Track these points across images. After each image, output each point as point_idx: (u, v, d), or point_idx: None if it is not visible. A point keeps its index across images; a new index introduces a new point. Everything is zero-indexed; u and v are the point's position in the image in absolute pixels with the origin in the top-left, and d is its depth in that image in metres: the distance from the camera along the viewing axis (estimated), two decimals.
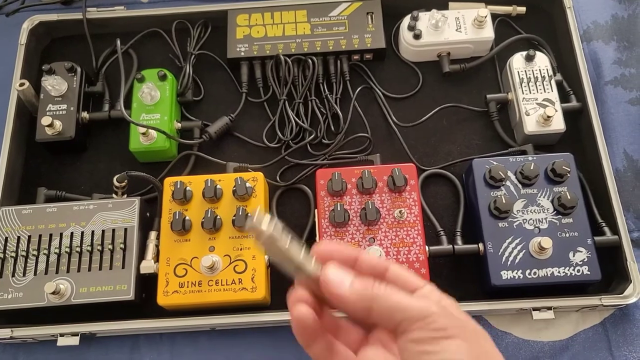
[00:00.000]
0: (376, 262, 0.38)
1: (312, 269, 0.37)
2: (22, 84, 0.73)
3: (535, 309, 0.62)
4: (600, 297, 0.63)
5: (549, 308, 0.62)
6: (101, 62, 0.80)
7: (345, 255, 0.38)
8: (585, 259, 0.62)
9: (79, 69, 0.75)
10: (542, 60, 0.73)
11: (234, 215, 0.64)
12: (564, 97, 0.73)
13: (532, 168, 0.65)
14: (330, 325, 0.39)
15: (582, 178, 0.69)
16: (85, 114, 0.74)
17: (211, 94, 0.79)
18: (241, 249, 0.64)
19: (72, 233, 0.66)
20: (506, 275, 0.62)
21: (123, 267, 0.64)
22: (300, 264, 0.37)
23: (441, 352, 0.33)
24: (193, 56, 0.78)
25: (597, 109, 0.71)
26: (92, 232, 0.66)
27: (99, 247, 0.65)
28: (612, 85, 0.75)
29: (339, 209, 0.64)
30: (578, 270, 0.62)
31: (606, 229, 0.66)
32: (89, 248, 0.65)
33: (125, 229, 0.66)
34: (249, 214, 0.34)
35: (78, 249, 0.65)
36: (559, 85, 0.73)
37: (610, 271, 0.65)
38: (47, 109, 0.73)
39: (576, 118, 0.73)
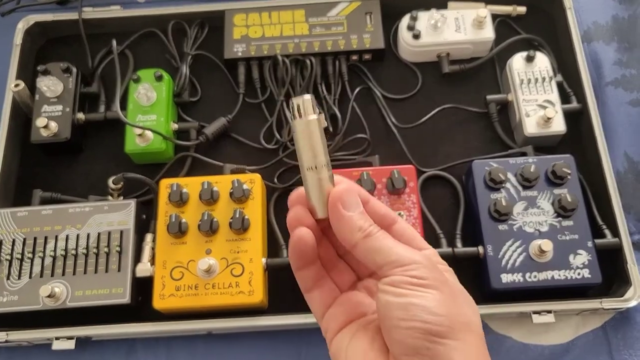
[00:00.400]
0: (385, 212, 0.38)
1: (329, 176, 0.36)
2: (17, 85, 0.72)
3: (535, 313, 0.62)
4: (601, 301, 0.62)
5: (549, 311, 0.62)
6: (97, 62, 0.79)
7: (359, 192, 0.37)
8: (586, 262, 0.62)
9: (74, 70, 0.75)
10: (543, 61, 0.73)
11: (231, 218, 0.64)
12: (564, 98, 0.72)
13: (532, 170, 0.64)
14: (326, 259, 0.39)
15: (583, 180, 0.68)
16: (81, 115, 0.74)
17: (208, 95, 0.78)
18: (238, 252, 0.63)
19: (67, 235, 0.65)
20: (506, 278, 0.61)
21: (119, 270, 0.64)
22: (325, 163, 0.36)
23: (410, 297, 0.32)
24: (190, 56, 0.77)
25: (598, 110, 0.70)
26: (88, 234, 0.65)
27: (95, 250, 0.64)
28: (613, 86, 0.74)
29: None
30: (579, 274, 0.61)
31: (607, 232, 0.65)
32: (85, 251, 0.64)
33: (122, 232, 0.65)
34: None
35: (74, 252, 0.64)
36: (559, 86, 0.73)
37: (611, 274, 0.65)
38: (43, 110, 0.72)
39: (576, 119, 0.73)
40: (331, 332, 0.38)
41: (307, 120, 0.35)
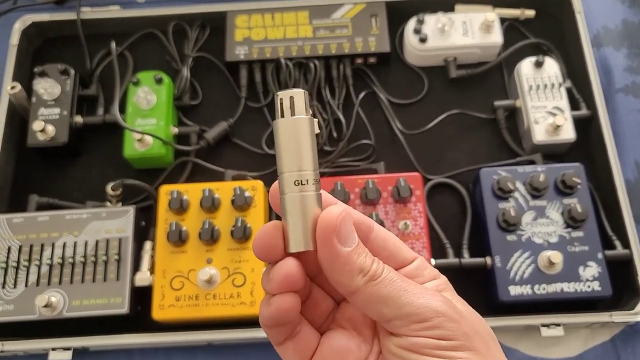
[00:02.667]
0: (358, 218, 0.29)
1: (317, 195, 0.28)
2: (13, 87, 0.70)
3: (544, 326, 0.60)
4: (611, 314, 0.61)
5: (558, 324, 0.60)
6: (95, 64, 0.77)
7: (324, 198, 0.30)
8: (596, 274, 0.60)
9: (72, 72, 0.73)
10: (552, 67, 0.71)
11: (233, 226, 0.62)
12: (573, 105, 0.71)
13: (541, 179, 0.63)
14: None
15: (592, 189, 0.66)
16: (78, 118, 0.72)
17: (209, 98, 0.76)
18: (240, 262, 0.62)
19: (64, 243, 0.63)
20: (514, 290, 0.60)
21: (117, 279, 0.62)
22: (314, 178, 0.28)
23: None
24: (191, 59, 0.76)
25: (608, 117, 0.69)
26: (86, 242, 0.63)
27: (93, 258, 0.63)
28: (623, 93, 0.72)
29: None
30: (588, 286, 0.60)
31: (617, 243, 0.64)
32: (83, 259, 0.63)
33: (120, 239, 0.64)
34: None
35: (71, 260, 0.63)
36: (568, 92, 0.71)
37: (620, 286, 0.63)
38: (40, 113, 0.70)
39: (586, 126, 0.71)
40: None
41: (295, 120, 0.28)
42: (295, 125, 0.28)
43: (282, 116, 0.28)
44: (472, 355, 0.27)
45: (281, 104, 0.28)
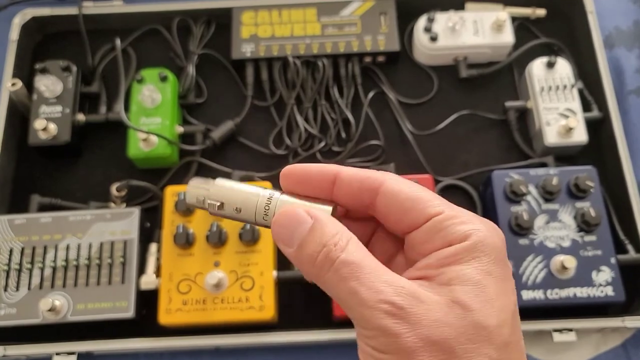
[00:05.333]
0: (363, 177, 0.28)
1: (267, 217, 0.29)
2: (14, 84, 0.69)
3: (556, 331, 0.60)
4: (623, 319, 0.60)
5: (570, 330, 0.60)
6: (98, 60, 0.75)
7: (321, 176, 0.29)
8: (609, 279, 0.60)
9: (74, 68, 0.71)
10: (564, 68, 0.70)
11: (241, 229, 0.61)
12: (584, 106, 0.70)
13: (554, 183, 0.62)
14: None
15: (604, 192, 0.66)
16: (81, 116, 0.70)
17: (214, 97, 0.75)
18: (248, 265, 0.60)
19: (68, 245, 0.62)
20: (527, 295, 0.59)
21: (123, 282, 0.61)
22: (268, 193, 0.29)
23: None
24: (196, 56, 0.74)
25: (620, 119, 0.68)
26: (90, 244, 0.62)
27: (97, 261, 0.61)
28: (635, 94, 0.71)
29: None
30: (601, 291, 0.59)
31: (629, 247, 0.63)
32: (87, 261, 0.61)
33: (125, 242, 0.62)
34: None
35: (75, 262, 0.61)
36: (579, 93, 0.70)
37: (631, 290, 0.63)
38: (41, 111, 0.68)
39: (597, 128, 0.70)
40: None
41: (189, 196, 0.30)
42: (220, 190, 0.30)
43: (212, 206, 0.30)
44: None
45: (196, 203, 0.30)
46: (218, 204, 0.29)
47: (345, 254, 0.26)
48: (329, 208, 0.29)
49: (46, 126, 0.67)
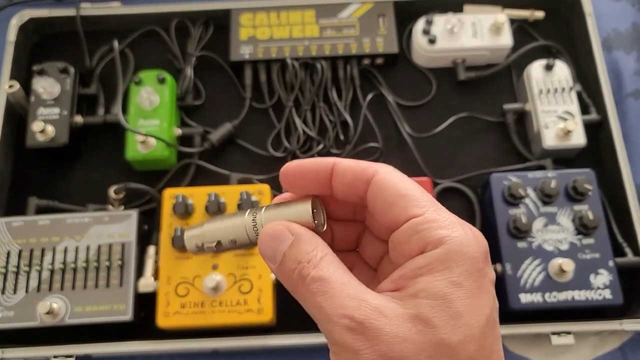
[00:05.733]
0: (357, 169, 0.28)
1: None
2: (11, 86, 0.68)
3: (554, 333, 0.60)
4: (621, 322, 0.60)
5: (569, 333, 0.60)
6: (96, 62, 0.75)
7: (317, 168, 0.29)
8: (607, 282, 0.60)
9: (72, 70, 0.71)
10: (562, 70, 0.70)
11: None
12: (582, 109, 0.70)
13: (552, 186, 0.62)
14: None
15: (602, 195, 0.66)
16: (79, 118, 0.70)
17: (212, 99, 0.74)
18: (247, 268, 0.60)
19: (66, 248, 0.62)
20: (525, 298, 0.59)
21: (121, 285, 0.61)
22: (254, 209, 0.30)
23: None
24: (194, 58, 0.74)
25: (618, 122, 0.68)
26: (88, 246, 0.62)
27: (95, 264, 0.61)
28: (634, 97, 0.72)
29: None
30: (599, 294, 0.59)
31: (628, 250, 0.63)
32: (85, 264, 0.61)
33: (123, 244, 0.62)
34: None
35: (73, 265, 0.61)
36: (578, 96, 0.70)
37: (628, 293, 0.63)
38: (39, 113, 0.68)
39: (596, 131, 0.70)
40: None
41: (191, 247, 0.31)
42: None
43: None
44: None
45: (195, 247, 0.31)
46: (214, 244, 0.31)
47: (315, 271, 0.26)
48: (308, 204, 0.29)
49: (44, 128, 0.66)
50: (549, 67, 0.70)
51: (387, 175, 0.27)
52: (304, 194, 0.30)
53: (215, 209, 0.61)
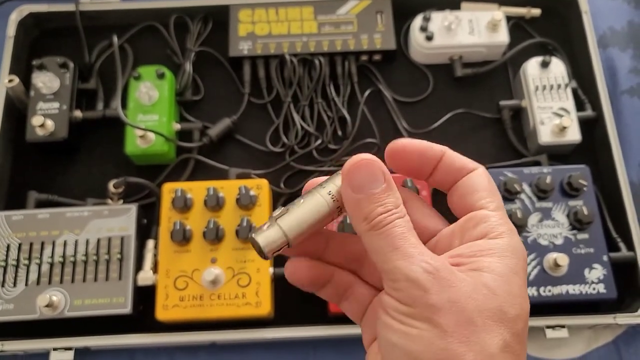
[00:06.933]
0: (421, 147, 0.31)
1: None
2: (11, 80, 0.69)
3: (548, 327, 0.61)
4: (615, 316, 0.61)
5: (563, 326, 0.61)
6: (95, 57, 0.75)
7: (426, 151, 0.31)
8: (602, 277, 0.60)
9: (71, 65, 0.71)
10: (558, 67, 0.71)
11: (238, 226, 0.61)
12: (578, 106, 0.70)
13: (547, 181, 0.63)
14: (350, 259, 0.33)
15: (597, 191, 0.66)
16: (78, 113, 0.70)
17: (211, 94, 0.75)
18: (245, 262, 0.61)
19: (65, 241, 0.62)
20: None
21: (120, 278, 0.61)
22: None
23: (393, 332, 0.27)
24: (193, 53, 0.74)
25: (613, 118, 0.69)
26: (87, 240, 0.62)
27: (95, 257, 0.62)
28: (629, 94, 0.72)
29: (347, 221, 0.61)
30: (594, 288, 0.60)
31: (621, 245, 0.64)
32: (84, 257, 0.61)
33: (122, 238, 0.62)
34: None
35: (72, 259, 0.61)
36: (573, 92, 0.71)
37: (623, 287, 0.63)
38: (38, 108, 0.69)
39: (591, 127, 0.71)
40: (365, 342, 0.32)
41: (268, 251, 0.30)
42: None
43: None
44: (429, 327, 0.26)
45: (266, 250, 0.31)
46: (298, 236, 0.30)
47: (402, 221, 0.28)
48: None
49: (43, 123, 0.67)
50: (545, 64, 0.70)
51: (484, 173, 0.31)
52: (400, 173, 0.32)
53: (214, 203, 0.62)
